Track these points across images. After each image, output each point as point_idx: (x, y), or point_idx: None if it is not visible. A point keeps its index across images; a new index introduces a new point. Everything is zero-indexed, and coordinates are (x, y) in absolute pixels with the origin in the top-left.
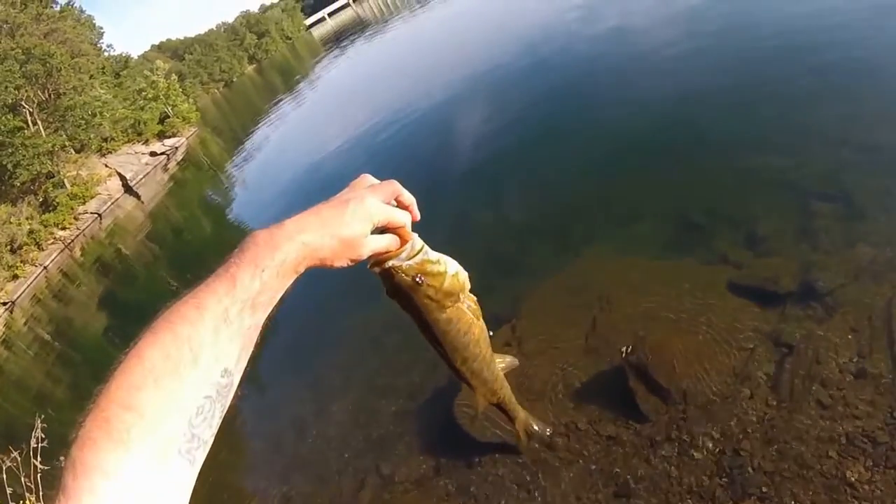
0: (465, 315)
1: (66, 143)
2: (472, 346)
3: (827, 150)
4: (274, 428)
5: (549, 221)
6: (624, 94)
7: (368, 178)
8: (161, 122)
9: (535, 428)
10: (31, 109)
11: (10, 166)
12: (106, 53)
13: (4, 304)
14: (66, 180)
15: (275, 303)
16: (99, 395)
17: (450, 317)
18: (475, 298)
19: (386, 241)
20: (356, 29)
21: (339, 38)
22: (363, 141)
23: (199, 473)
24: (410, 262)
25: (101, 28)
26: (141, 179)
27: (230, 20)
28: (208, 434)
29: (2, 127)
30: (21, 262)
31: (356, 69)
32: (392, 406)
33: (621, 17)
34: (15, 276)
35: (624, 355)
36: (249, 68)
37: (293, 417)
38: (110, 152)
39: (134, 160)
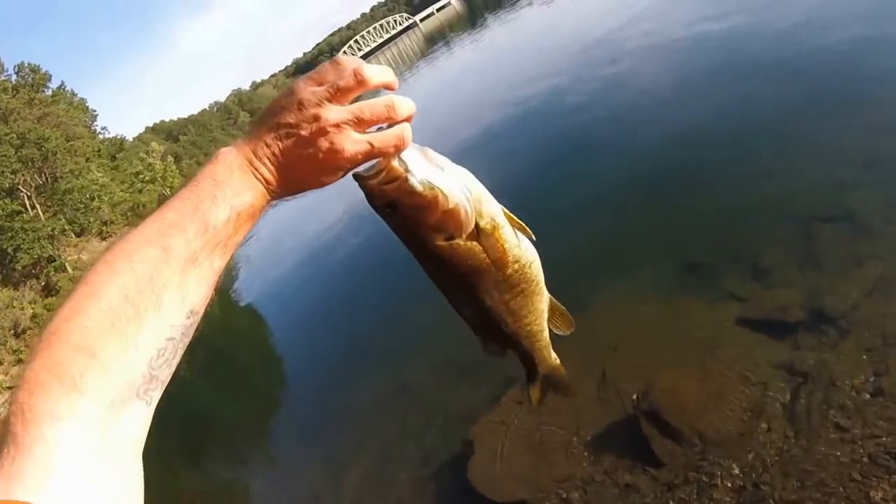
0: (475, 257)
1: (66, 227)
2: (490, 291)
3: (822, 171)
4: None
5: (550, 275)
6: (612, 142)
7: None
8: (160, 204)
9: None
10: (28, 193)
11: (10, 250)
12: (100, 136)
13: (10, 388)
14: (67, 264)
15: (246, 234)
16: (48, 334)
17: (447, 255)
18: (499, 225)
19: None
20: None
21: None
22: (355, 211)
23: None
24: (388, 185)
25: (95, 111)
26: None
27: (222, 99)
28: (167, 374)
29: (0, 211)
30: (25, 346)
31: None
32: (406, 474)
33: (603, 63)
34: (20, 361)
35: (635, 402)
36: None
37: (307, 489)
38: (111, 235)
39: None
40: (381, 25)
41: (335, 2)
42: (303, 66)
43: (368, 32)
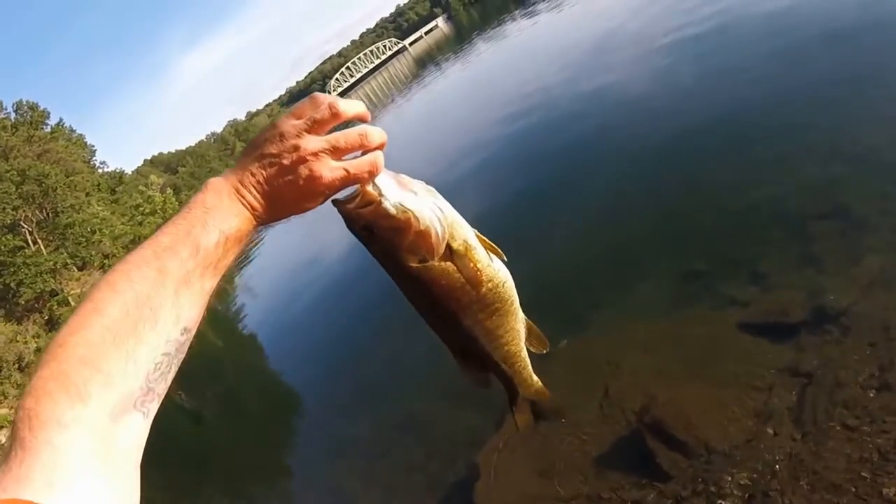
0: (449, 276)
1: (68, 261)
2: (468, 311)
3: (811, 170)
4: None
5: (546, 296)
6: (601, 157)
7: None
8: None
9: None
10: (30, 229)
11: (13, 285)
12: (100, 170)
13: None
14: (70, 298)
15: (237, 255)
16: (55, 346)
17: (422, 276)
18: (471, 248)
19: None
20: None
21: None
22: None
23: None
24: (363, 209)
25: (93, 146)
26: None
27: (219, 130)
28: (163, 387)
29: (2, 247)
30: (29, 380)
31: None
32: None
33: (590, 75)
34: None
35: (638, 417)
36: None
37: None
38: None
39: None
40: (371, 51)
41: (326, 31)
42: (296, 95)
43: (359, 59)
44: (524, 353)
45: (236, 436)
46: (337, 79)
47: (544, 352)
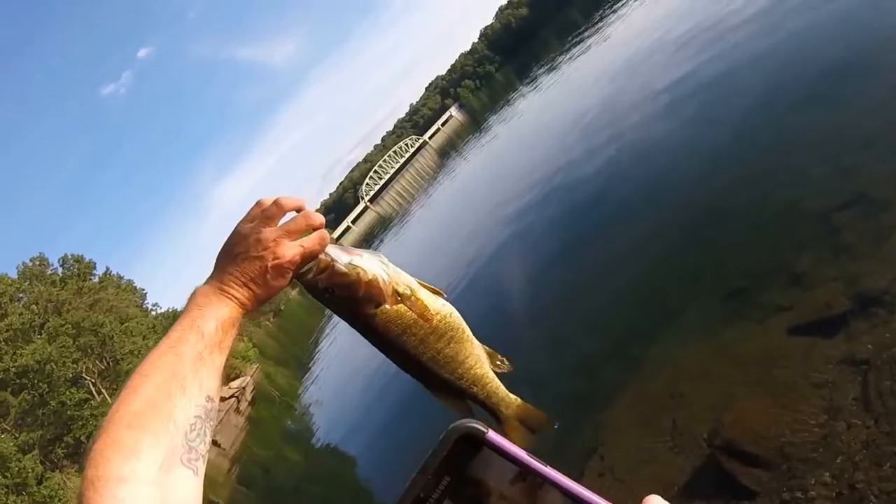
0: (403, 315)
1: None
2: (419, 346)
3: (824, 164)
4: None
5: (601, 342)
6: (623, 202)
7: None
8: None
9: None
10: (93, 380)
11: (83, 438)
12: (153, 312)
13: None
14: None
15: (234, 338)
16: (103, 425)
17: (381, 319)
18: (412, 289)
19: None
20: (379, 228)
21: (369, 241)
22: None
23: None
24: (321, 275)
25: (143, 289)
26: (216, 427)
27: None
28: (203, 448)
29: (68, 402)
30: None
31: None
32: None
33: (604, 129)
34: None
35: (709, 442)
36: (294, 292)
37: None
38: None
39: None
40: (394, 152)
41: (349, 141)
42: (331, 207)
43: (385, 161)
44: (492, 375)
45: None
46: (367, 183)
47: (507, 371)
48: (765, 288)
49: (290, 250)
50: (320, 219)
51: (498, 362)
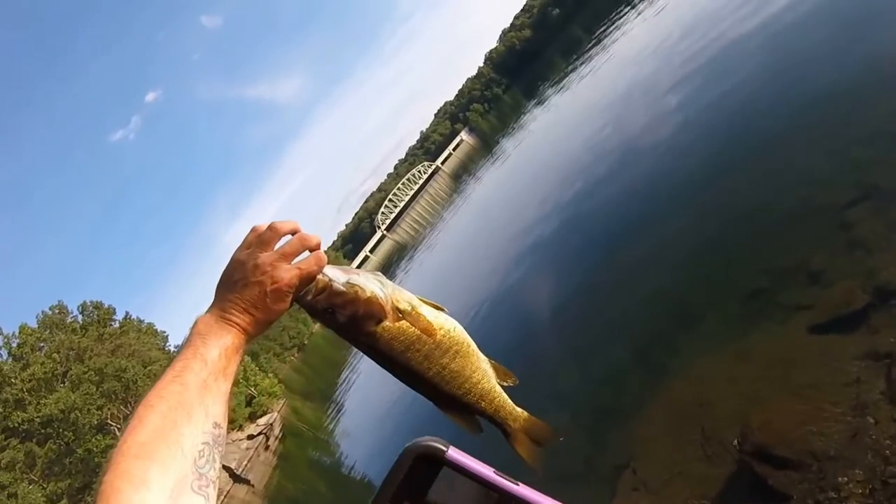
0: (405, 332)
1: None
2: (424, 361)
3: (831, 162)
4: None
5: (624, 354)
6: (635, 214)
7: (274, 234)
8: (248, 403)
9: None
10: (118, 426)
11: None
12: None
13: None
14: None
15: (239, 364)
16: (112, 457)
17: (384, 336)
18: (413, 307)
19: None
20: (397, 256)
21: (388, 270)
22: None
23: None
24: (320, 296)
25: (165, 332)
26: (246, 465)
27: None
28: (213, 474)
29: (94, 449)
30: None
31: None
32: None
33: (614, 144)
34: None
35: (737, 448)
36: (316, 326)
37: None
38: None
39: (234, 448)
40: (408, 179)
41: (361, 172)
42: (348, 238)
43: (399, 189)
44: (499, 389)
45: None
46: (383, 212)
47: (513, 384)
48: (783, 288)
49: (288, 273)
50: (316, 240)
51: (503, 376)
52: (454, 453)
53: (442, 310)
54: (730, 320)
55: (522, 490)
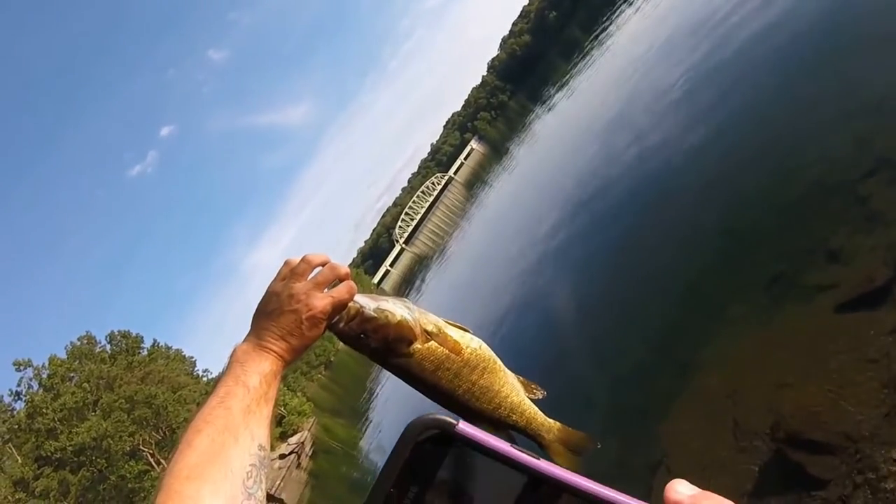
0: (434, 352)
1: None
2: (453, 379)
3: (839, 138)
4: None
5: (650, 350)
6: (647, 200)
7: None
8: (279, 423)
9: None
10: (150, 451)
11: None
12: (204, 379)
13: None
14: None
15: (277, 389)
16: (162, 480)
17: (415, 357)
18: (438, 330)
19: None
20: (418, 268)
21: (409, 282)
22: None
23: None
24: (352, 322)
25: (192, 357)
26: (280, 485)
27: None
28: (261, 494)
29: (128, 475)
30: None
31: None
32: None
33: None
34: None
35: (770, 436)
36: (341, 344)
37: None
38: None
39: None
40: (422, 192)
41: (375, 188)
42: (367, 254)
43: (414, 202)
44: (528, 402)
45: None
46: (400, 226)
47: (541, 397)
48: (804, 270)
49: (322, 301)
50: (345, 269)
51: (532, 389)
52: (465, 426)
53: (466, 330)
54: (752, 305)
55: (544, 465)
